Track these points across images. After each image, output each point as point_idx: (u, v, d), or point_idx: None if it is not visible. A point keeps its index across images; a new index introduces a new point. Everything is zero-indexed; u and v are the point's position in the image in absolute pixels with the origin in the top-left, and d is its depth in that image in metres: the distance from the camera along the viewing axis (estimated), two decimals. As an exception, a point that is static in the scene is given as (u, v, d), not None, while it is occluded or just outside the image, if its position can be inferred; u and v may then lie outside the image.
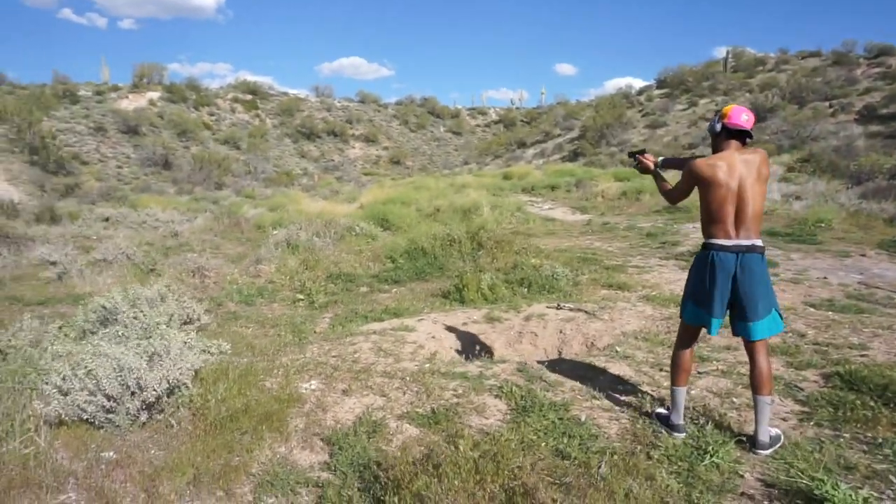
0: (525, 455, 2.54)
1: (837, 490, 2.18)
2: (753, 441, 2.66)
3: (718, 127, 2.70)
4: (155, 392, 3.02)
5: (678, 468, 2.53)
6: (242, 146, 39.95)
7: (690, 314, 2.82)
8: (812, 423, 2.88)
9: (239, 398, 3.22)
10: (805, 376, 3.45)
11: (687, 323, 2.86)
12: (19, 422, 2.90)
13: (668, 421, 2.88)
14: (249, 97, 48.63)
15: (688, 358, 2.87)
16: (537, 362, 3.98)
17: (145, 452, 2.82)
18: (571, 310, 5.09)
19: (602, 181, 17.10)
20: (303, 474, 2.71)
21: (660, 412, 3.01)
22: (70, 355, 3.43)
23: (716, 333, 2.73)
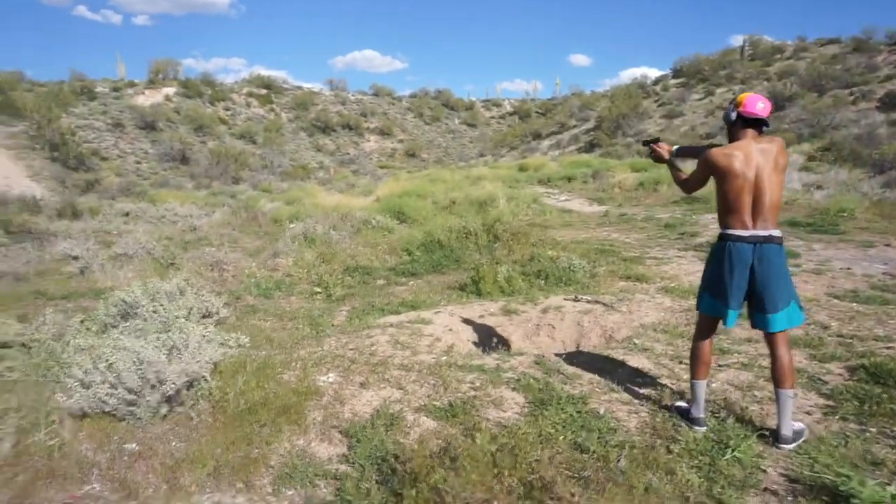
0: (543, 448, 2.52)
1: (864, 486, 2.13)
2: (776, 435, 2.61)
3: (734, 115, 2.66)
4: (174, 385, 3.06)
5: (699, 463, 2.50)
6: (258, 140, 40.25)
7: (707, 305, 2.79)
8: (837, 418, 2.82)
9: (257, 391, 3.24)
10: (829, 369, 3.38)
11: (703, 314, 2.83)
12: (44, 414, 2.96)
13: (689, 414, 2.85)
14: (264, 92, 48.98)
15: (707, 350, 2.83)
16: (555, 355, 3.95)
17: (166, 444, 2.86)
18: (589, 302, 5.05)
19: (619, 172, 16.92)
20: (321, 467, 2.73)
21: (680, 405, 2.97)
22: (92, 349, 3.49)
23: (732, 325, 2.71)
